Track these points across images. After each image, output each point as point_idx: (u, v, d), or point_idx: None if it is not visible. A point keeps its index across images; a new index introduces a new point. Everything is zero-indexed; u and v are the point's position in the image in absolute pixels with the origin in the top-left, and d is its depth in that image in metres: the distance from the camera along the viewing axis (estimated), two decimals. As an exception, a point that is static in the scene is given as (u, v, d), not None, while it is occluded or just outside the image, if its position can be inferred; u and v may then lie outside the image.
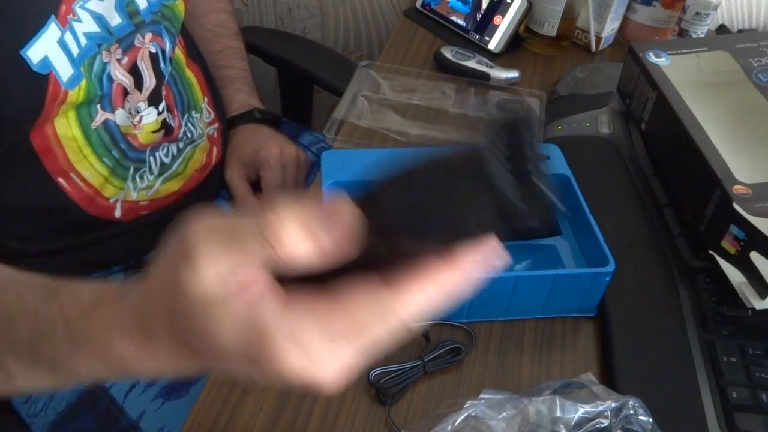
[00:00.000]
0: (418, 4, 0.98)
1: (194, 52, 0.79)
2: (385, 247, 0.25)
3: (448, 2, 0.94)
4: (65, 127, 0.59)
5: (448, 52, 0.84)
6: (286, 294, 0.26)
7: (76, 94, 0.57)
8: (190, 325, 0.27)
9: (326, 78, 0.97)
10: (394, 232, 0.25)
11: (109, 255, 0.71)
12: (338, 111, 0.75)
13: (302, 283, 0.26)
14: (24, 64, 0.52)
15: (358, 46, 1.34)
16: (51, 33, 0.54)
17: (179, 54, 0.75)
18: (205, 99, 0.78)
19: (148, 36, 0.64)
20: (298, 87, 1.06)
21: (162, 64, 0.68)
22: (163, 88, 0.69)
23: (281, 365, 0.26)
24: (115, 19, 0.60)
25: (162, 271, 0.29)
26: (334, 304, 0.26)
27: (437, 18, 0.95)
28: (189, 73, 0.76)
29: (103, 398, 0.65)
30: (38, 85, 0.54)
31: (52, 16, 0.54)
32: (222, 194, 0.82)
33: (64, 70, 0.55)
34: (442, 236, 0.25)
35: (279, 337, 0.25)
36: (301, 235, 0.25)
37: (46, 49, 0.54)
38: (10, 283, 0.36)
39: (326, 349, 0.26)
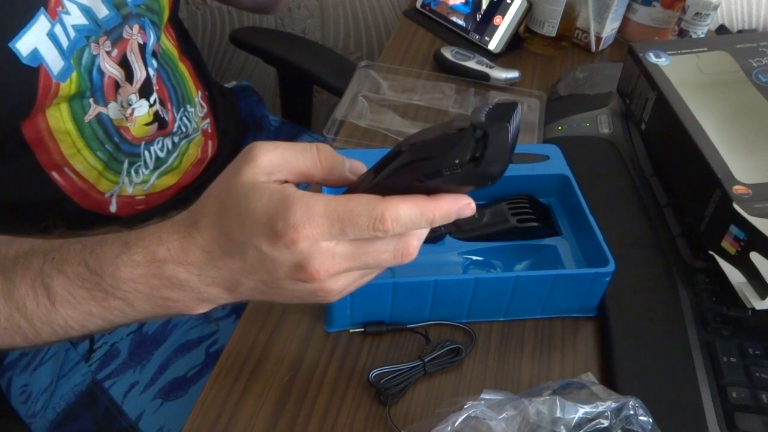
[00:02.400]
0: (418, 5, 0.98)
1: (186, 46, 0.78)
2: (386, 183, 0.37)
3: (448, 2, 0.94)
4: (58, 120, 0.59)
5: (448, 53, 0.84)
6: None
7: (68, 87, 0.57)
8: (233, 208, 0.37)
9: (326, 78, 0.97)
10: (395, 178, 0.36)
11: None
12: (338, 111, 0.75)
13: None
14: (13, 56, 0.52)
15: (358, 46, 1.34)
16: (40, 25, 0.53)
17: (171, 47, 0.74)
18: (199, 93, 0.77)
19: (136, 27, 0.63)
20: (298, 87, 1.06)
21: (148, 57, 0.67)
22: (155, 81, 0.68)
23: (297, 234, 0.35)
24: (102, 11, 0.59)
25: (226, 171, 0.39)
26: (344, 202, 0.36)
27: (437, 18, 0.95)
28: (182, 67, 0.75)
29: (102, 398, 0.65)
30: (28, 78, 0.54)
31: (42, 8, 0.53)
32: None
33: (54, 62, 0.55)
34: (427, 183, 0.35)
35: (300, 208, 0.35)
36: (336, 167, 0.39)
37: (36, 41, 0.53)
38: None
39: (328, 226, 0.35)
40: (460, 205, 0.37)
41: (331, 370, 0.51)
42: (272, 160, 0.37)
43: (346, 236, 0.36)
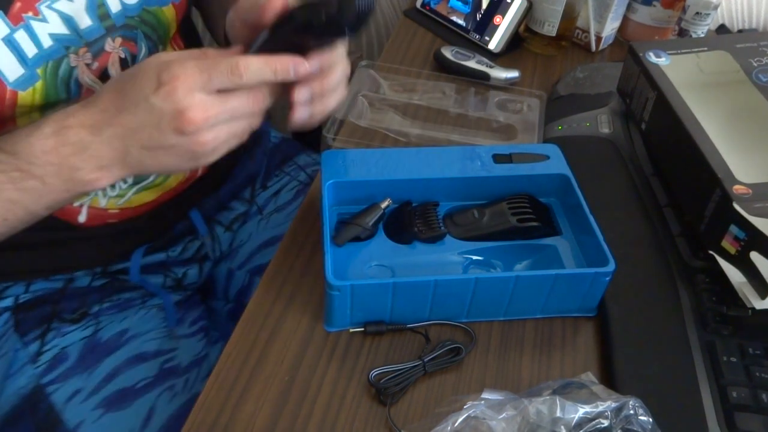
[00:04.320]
0: (418, 4, 0.98)
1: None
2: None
3: (449, 2, 0.94)
4: None
5: (448, 52, 0.84)
6: None
7: (30, 96, 0.55)
8: (129, 73, 0.46)
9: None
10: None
11: (71, 259, 0.68)
12: (338, 111, 0.75)
13: None
14: None
15: (358, 46, 1.34)
16: None
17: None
18: None
19: (118, 41, 0.61)
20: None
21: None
22: None
23: (176, 83, 0.43)
24: (85, 21, 0.57)
25: (124, 73, 0.47)
26: (211, 58, 0.45)
27: (437, 18, 0.95)
28: None
29: (42, 404, 0.63)
30: None
31: (0, 12, 0.51)
32: (198, 203, 0.77)
33: (10, 69, 0.53)
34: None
35: (178, 64, 0.43)
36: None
37: None
38: None
39: (198, 74, 0.43)
40: (296, 62, 0.46)
41: (331, 370, 0.51)
42: (164, 54, 0.46)
43: (213, 84, 0.44)
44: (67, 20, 0.56)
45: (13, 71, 0.53)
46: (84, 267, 0.70)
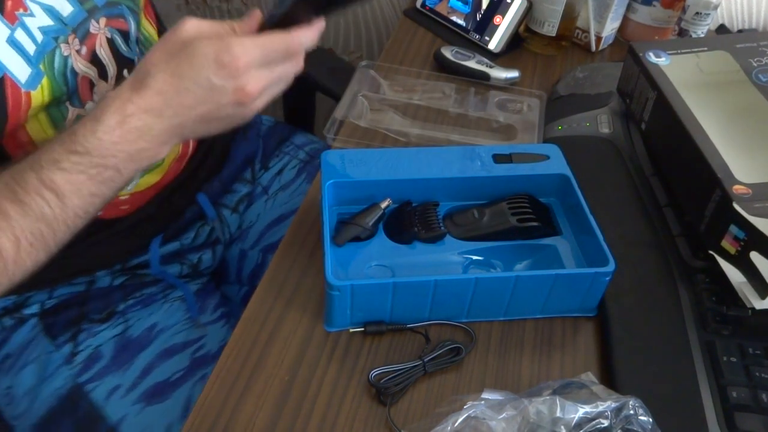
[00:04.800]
0: (418, 4, 0.97)
1: (164, 30, 0.76)
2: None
3: (448, 2, 0.94)
4: (39, 131, 0.58)
5: (448, 52, 0.84)
6: None
7: (40, 95, 0.55)
8: (182, 53, 0.47)
9: (325, 82, 0.96)
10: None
11: (92, 259, 0.70)
12: (338, 111, 0.75)
13: None
14: None
15: (358, 46, 1.34)
16: None
17: (152, 33, 0.72)
18: None
19: (103, 21, 0.61)
20: (299, 91, 1.05)
21: (124, 48, 0.65)
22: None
23: (239, 62, 0.46)
24: (66, 8, 0.57)
25: (163, 37, 0.49)
26: (266, 39, 0.48)
27: (437, 18, 0.95)
28: None
29: (82, 403, 0.64)
30: None
31: None
32: (204, 188, 0.79)
33: (19, 70, 0.53)
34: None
35: (238, 45, 0.46)
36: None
37: None
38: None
39: (259, 54, 0.48)
40: (320, 28, 0.51)
41: (331, 370, 0.51)
42: (196, 27, 0.48)
43: (269, 61, 0.48)
44: (49, 10, 0.56)
45: (23, 72, 0.54)
46: (104, 266, 0.71)
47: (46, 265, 0.54)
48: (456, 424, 0.42)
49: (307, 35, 0.50)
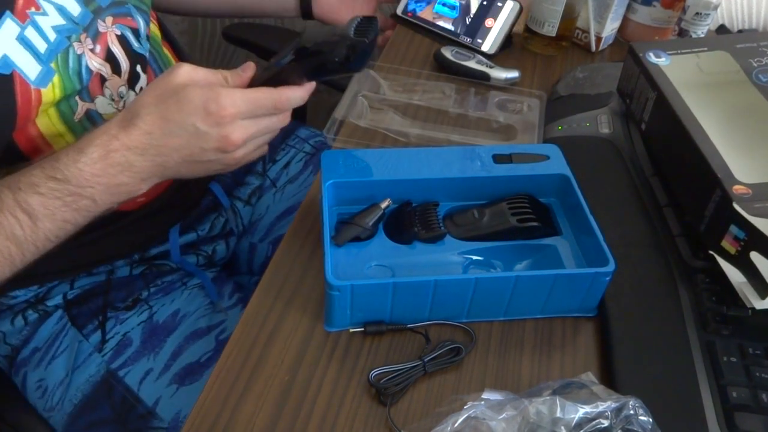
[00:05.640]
0: (399, 11, 0.95)
1: (164, 29, 0.77)
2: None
3: (433, 8, 0.92)
4: (48, 125, 0.59)
5: (448, 52, 0.84)
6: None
7: (51, 92, 0.56)
8: (171, 98, 0.50)
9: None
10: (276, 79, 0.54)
11: (112, 248, 0.71)
12: (338, 111, 0.75)
13: None
14: None
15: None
16: (7, 30, 0.52)
17: (156, 31, 0.73)
18: None
19: (110, 20, 0.62)
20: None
21: (136, 44, 0.66)
22: (147, 67, 0.67)
23: (226, 112, 0.50)
24: (75, 9, 0.58)
25: (155, 81, 0.52)
26: (254, 93, 0.52)
27: (423, 24, 0.93)
28: (165, 51, 0.75)
29: (118, 387, 0.66)
30: (2, 86, 0.53)
31: (7, 11, 0.52)
32: (216, 178, 0.82)
33: (29, 67, 0.54)
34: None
35: (227, 96, 0.50)
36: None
37: (4, 47, 0.52)
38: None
39: (245, 107, 0.51)
40: (310, 89, 0.54)
41: (331, 370, 0.51)
42: (190, 73, 0.51)
43: (256, 114, 0.52)
44: (61, 10, 0.57)
45: (33, 70, 0.54)
46: (124, 255, 0.72)
47: (64, 255, 0.56)
48: (456, 424, 0.42)
49: (297, 94, 0.53)
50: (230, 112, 0.50)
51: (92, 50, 0.60)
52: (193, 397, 0.64)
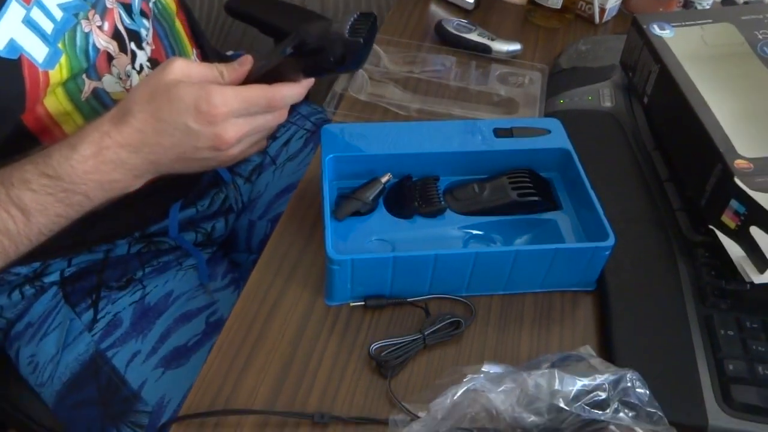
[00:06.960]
0: None
1: (182, 1, 0.76)
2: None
3: None
4: (56, 104, 0.58)
5: (449, 25, 0.83)
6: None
7: (59, 73, 0.55)
8: (163, 96, 0.49)
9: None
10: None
11: (113, 226, 0.71)
12: (338, 84, 0.75)
13: None
14: None
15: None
16: (13, 13, 0.51)
17: (170, 2, 0.72)
18: (194, 51, 0.75)
19: None
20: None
21: (128, 20, 0.64)
22: (150, 40, 0.66)
23: (217, 111, 0.48)
24: None
25: (149, 76, 0.51)
26: (247, 90, 0.51)
27: None
28: (179, 24, 0.73)
29: (105, 368, 0.66)
30: (11, 72, 0.52)
31: None
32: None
33: (36, 50, 0.53)
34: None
35: (219, 94, 0.48)
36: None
37: (11, 31, 0.51)
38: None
39: (238, 106, 0.49)
40: (308, 86, 0.53)
41: (332, 344, 0.52)
42: (184, 69, 0.50)
43: (249, 113, 0.50)
44: None
45: (40, 52, 0.54)
46: (125, 233, 0.72)
47: (65, 234, 0.56)
48: (456, 396, 0.42)
49: (293, 91, 0.52)
50: (222, 111, 0.49)
51: (100, 27, 0.59)
52: (179, 382, 0.65)
